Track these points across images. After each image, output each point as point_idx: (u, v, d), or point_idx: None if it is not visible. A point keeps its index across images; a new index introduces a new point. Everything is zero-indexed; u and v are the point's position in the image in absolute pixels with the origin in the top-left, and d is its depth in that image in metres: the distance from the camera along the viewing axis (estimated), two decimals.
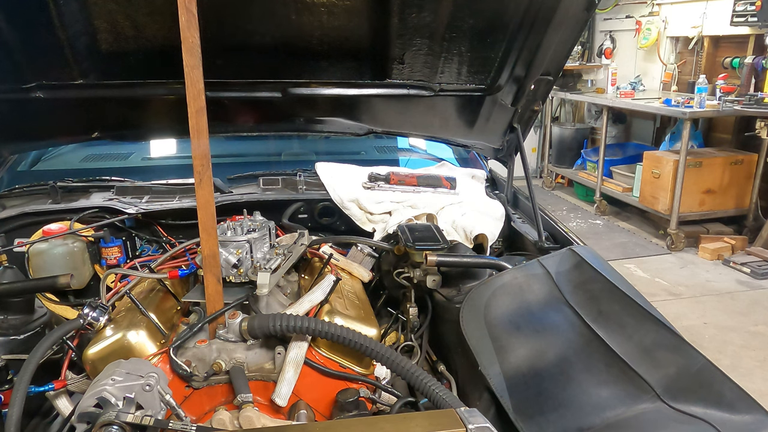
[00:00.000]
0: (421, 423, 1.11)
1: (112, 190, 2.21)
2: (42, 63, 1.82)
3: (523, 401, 1.27)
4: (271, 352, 1.45)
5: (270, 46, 1.91)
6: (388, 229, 2.09)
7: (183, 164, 2.72)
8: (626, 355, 1.31)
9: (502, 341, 1.47)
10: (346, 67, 2.05)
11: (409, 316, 1.83)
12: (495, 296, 1.61)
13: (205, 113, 1.30)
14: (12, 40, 1.71)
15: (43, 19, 1.67)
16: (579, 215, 6.94)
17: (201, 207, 1.34)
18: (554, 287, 1.60)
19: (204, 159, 1.32)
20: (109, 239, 1.99)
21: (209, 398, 1.42)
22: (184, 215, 2.09)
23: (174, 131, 2.33)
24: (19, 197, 2.21)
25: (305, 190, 2.29)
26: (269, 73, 2.03)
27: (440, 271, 1.79)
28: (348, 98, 2.17)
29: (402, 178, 2.30)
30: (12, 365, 1.46)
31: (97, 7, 1.68)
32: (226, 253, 1.50)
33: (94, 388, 1.13)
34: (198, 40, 1.26)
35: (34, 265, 1.85)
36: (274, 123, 2.34)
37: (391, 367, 1.37)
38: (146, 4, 1.68)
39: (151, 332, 1.46)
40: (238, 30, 1.83)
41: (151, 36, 1.77)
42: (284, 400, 1.38)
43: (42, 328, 1.62)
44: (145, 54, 1.83)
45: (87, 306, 1.44)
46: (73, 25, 1.71)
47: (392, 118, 2.34)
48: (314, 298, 1.56)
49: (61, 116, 2.07)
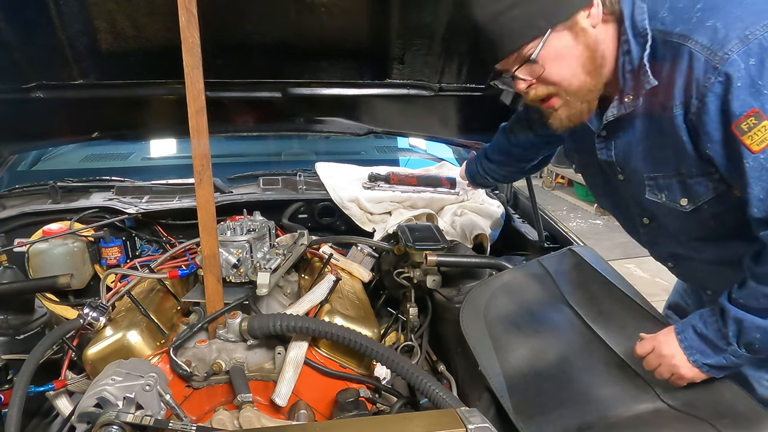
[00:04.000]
0: (421, 423, 1.11)
1: (112, 190, 2.22)
2: (42, 63, 1.82)
3: (523, 401, 1.26)
4: (271, 352, 1.45)
5: (270, 46, 1.91)
6: (388, 229, 2.09)
7: (183, 164, 2.73)
8: (626, 355, 1.31)
9: (502, 341, 1.47)
10: (346, 67, 2.05)
11: (409, 316, 1.83)
12: (495, 296, 1.61)
13: (205, 113, 1.30)
14: (12, 40, 1.71)
15: (43, 19, 1.67)
16: (579, 215, 6.94)
17: (201, 207, 1.34)
18: (554, 287, 1.60)
19: (204, 159, 1.32)
20: (109, 239, 1.99)
21: (209, 398, 1.42)
22: (184, 215, 2.09)
23: (174, 131, 2.33)
24: (19, 197, 2.21)
25: (305, 190, 2.29)
26: (269, 73, 2.03)
27: (440, 271, 1.79)
28: (348, 98, 2.17)
29: (402, 178, 2.30)
30: (12, 365, 1.46)
31: (97, 7, 1.68)
32: (226, 253, 1.50)
33: (94, 388, 1.13)
34: (198, 40, 1.26)
35: (34, 265, 1.85)
36: (274, 123, 2.35)
37: (391, 367, 1.37)
38: (146, 4, 1.68)
39: (151, 332, 1.46)
40: (238, 30, 1.83)
41: (151, 36, 1.77)
42: (284, 400, 1.38)
43: (42, 328, 1.62)
44: (145, 54, 1.83)
45: (87, 306, 1.44)
46: (73, 25, 1.71)
47: (392, 118, 2.34)
48: (314, 298, 1.56)
49: (61, 116, 2.06)
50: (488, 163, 1.94)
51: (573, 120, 1.25)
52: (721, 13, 1.04)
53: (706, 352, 1.15)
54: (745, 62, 1.00)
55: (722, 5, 1.05)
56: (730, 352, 1.13)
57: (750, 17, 1.01)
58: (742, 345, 1.12)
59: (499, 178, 2.03)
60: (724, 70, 1.01)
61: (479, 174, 1.99)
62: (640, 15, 1.13)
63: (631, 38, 1.15)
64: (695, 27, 1.06)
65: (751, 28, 1.00)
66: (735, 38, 1.01)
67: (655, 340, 1.21)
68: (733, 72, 1.01)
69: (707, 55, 1.04)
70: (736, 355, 1.12)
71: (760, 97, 1.00)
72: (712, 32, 1.04)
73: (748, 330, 1.10)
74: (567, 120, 1.26)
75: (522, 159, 1.86)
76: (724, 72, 1.02)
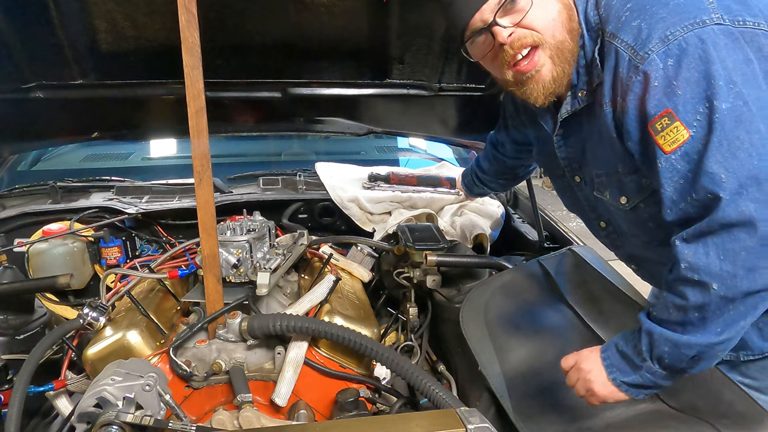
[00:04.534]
0: (421, 423, 1.11)
1: (112, 190, 2.22)
2: (42, 63, 1.82)
3: (523, 401, 1.26)
4: (271, 352, 1.45)
5: (270, 46, 1.91)
6: (388, 229, 2.09)
7: (183, 164, 2.73)
8: None
9: (502, 341, 1.47)
10: (346, 67, 2.05)
11: (409, 316, 1.83)
12: (495, 296, 1.61)
13: (205, 113, 1.30)
14: (12, 40, 1.71)
15: (43, 19, 1.67)
16: None
17: (201, 207, 1.34)
18: (554, 287, 1.60)
19: (204, 159, 1.32)
20: (109, 239, 1.99)
21: (209, 398, 1.42)
22: (184, 215, 2.09)
23: (174, 131, 2.33)
24: (19, 197, 2.21)
25: (305, 190, 2.29)
26: (269, 73, 2.03)
27: (440, 271, 1.79)
28: (348, 98, 2.17)
29: (402, 178, 2.30)
30: (12, 365, 1.46)
31: (97, 7, 1.68)
32: (226, 253, 1.49)
33: (94, 388, 1.13)
34: (198, 40, 1.26)
35: (34, 265, 1.85)
36: (274, 123, 2.35)
37: (391, 367, 1.37)
38: (146, 4, 1.68)
39: (151, 332, 1.46)
40: (238, 30, 1.83)
41: (151, 36, 1.77)
42: (284, 400, 1.38)
43: (42, 328, 1.62)
44: (145, 54, 1.83)
45: (87, 306, 1.44)
46: (73, 25, 1.71)
47: (392, 118, 2.34)
48: (314, 298, 1.56)
49: (61, 116, 2.06)
50: (483, 174, 1.94)
51: (556, 82, 1.17)
52: (648, 13, 1.04)
53: (625, 369, 1.09)
54: (664, 62, 0.99)
55: (649, 5, 1.04)
56: (645, 369, 1.07)
57: (673, 18, 1.00)
58: (655, 360, 1.06)
59: (497, 188, 2.05)
60: (643, 69, 1.02)
61: (476, 185, 2.00)
62: (592, 10, 1.14)
63: (585, 32, 1.15)
64: (623, 26, 1.07)
65: (672, 28, 0.99)
66: (656, 38, 1.01)
67: (579, 355, 1.18)
68: (651, 71, 1.01)
69: (630, 53, 1.04)
70: (650, 371, 1.07)
71: (673, 98, 0.99)
72: (637, 31, 1.04)
73: (657, 343, 1.05)
74: (551, 82, 1.17)
75: (513, 165, 1.86)
76: (643, 71, 1.02)
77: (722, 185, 0.95)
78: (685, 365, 1.04)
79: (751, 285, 0.95)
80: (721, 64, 0.96)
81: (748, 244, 0.93)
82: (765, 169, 0.93)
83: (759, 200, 0.93)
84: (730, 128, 0.95)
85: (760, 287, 0.95)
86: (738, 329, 1.00)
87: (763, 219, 0.92)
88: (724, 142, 0.95)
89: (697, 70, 0.97)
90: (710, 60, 0.96)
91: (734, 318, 0.98)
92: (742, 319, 0.99)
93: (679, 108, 0.99)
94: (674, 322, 1.03)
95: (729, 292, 0.96)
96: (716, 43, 0.96)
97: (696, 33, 0.97)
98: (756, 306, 0.98)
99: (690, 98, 0.98)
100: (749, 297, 0.96)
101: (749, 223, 0.93)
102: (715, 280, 0.96)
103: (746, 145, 0.94)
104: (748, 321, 0.99)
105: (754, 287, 0.95)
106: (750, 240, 0.93)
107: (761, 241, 0.93)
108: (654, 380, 1.08)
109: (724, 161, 0.95)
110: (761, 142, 0.94)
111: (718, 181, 0.95)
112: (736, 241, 0.94)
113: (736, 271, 0.95)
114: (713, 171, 0.96)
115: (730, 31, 0.98)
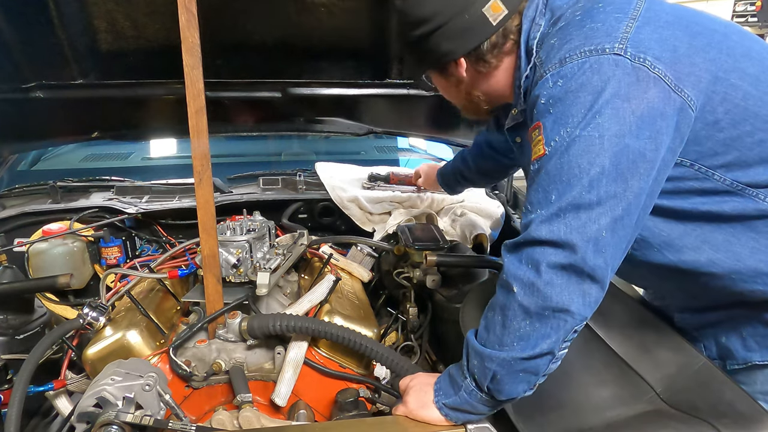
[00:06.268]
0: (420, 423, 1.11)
1: (112, 190, 2.21)
2: (42, 63, 1.82)
3: (523, 401, 1.26)
4: (271, 352, 1.45)
5: (270, 46, 1.91)
6: (388, 229, 2.09)
7: (183, 164, 2.73)
8: (626, 355, 1.31)
9: None
10: (346, 67, 2.05)
11: (409, 316, 1.83)
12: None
13: (204, 113, 1.30)
14: (12, 40, 1.71)
15: (43, 19, 1.67)
16: None
17: (201, 207, 1.34)
18: None
19: (204, 159, 1.32)
20: (109, 239, 1.99)
21: (209, 398, 1.42)
22: (184, 215, 2.09)
23: (174, 131, 2.33)
24: (19, 197, 2.21)
25: (305, 190, 2.29)
26: (269, 73, 2.03)
27: (440, 271, 1.79)
28: (348, 98, 2.17)
29: (402, 178, 2.30)
30: (12, 365, 1.46)
31: (97, 7, 1.68)
32: (226, 253, 1.49)
33: (94, 387, 1.12)
34: (198, 40, 1.26)
35: (34, 265, 1.85)
36: (274, 123, 2.35)
37: (391, 367, 1.37)
38: (146, 4, 1.68)
39: (151, 332, 1.46)
40: (238, 30, 1.83)
41: (151, 36, 1.78)
42: (284, 400, 1.38)
43: (42, 328, 1.61)
44: (145, 54, 1.83)
45: (87, 306, 1.44)
46: (73, 25, 1.71)
47: (392, 118, 2.34)
48: (314, 298, 1.56)
49: (61, 116, 2.07)
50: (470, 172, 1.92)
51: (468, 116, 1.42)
52: (564, 33, 1.06)
53: (448, 391, 1.10)
54: (554, 82, 1.02)
55: (572, 26, 1.06)
56: (464, 388, 1.07)
57: (579, 40, 1.01)
58: (470, 375, 1.06)
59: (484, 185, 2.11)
60: (540, 86, 1.05)
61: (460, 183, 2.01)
62: (534, 33, 1.15)
63: (523, 55, 1.17)
64: (545, 43, 1.10)
65: (571, 51, 1.01)
66: (556, 58, 1.03)
67: (417, 376, 1.20)
68: (542, 90, 1.04)
69: (540, 70, 1.07)
70: (467, 390, 1.06)
71: (546, 115, 1.02)
72: (549, 49, 1.06)
73: (471, 356, 1.06)
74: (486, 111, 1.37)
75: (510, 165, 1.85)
76: (539, 87, 1.05)
77: (543, 204, 1.00)
78: (490, 384, 1.04)
79: (546, 302, 0.97)
80: (598, 94, 0.97)
81: (553, 260, 0.96)
82: (588, 201, 0.96)
83: (570, 225, 0.96)
84: (575, 154, 0.97)
85: (555, 305, 0.97)
86: (536, 351, 1.00)
87: (569, 242, 0.95)
88: (565, 165, 0.98)
89: (575, 95, 0.99)
90: (590, 89, 0.97)
91: (529, 334, 0.99)
92: (541, 339, 0.99)
93: (546, 125, 1.02)
94: (482, 328, 1.07)
95: (526, 300, 0.98)
96: (604, 72, 0.97)
97: (592, 60, 0.98)
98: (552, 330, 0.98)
99: (558, 119, 1.00)
100: (548, 313, 0.98)
101: (557, 243, 0.96)
102: (517, 282, 1.00)
103: (582, 175, 0.96)
104: (545, 344, 0.99)
105: (550, 304, 0.97)
106: (555, 257, 0.96)
107: (563, 265, 0.96)
108: (470, 402, 1.07)
109: (555, 183, 0.99)
110: (598, 177, 0.96)
111: (542, 199, 1.00)
112: (543, 255, 0.97)
113: (537, 282, 0.97)
114: (543, 188, 1.00)
115: (625, 64, 0.98)
